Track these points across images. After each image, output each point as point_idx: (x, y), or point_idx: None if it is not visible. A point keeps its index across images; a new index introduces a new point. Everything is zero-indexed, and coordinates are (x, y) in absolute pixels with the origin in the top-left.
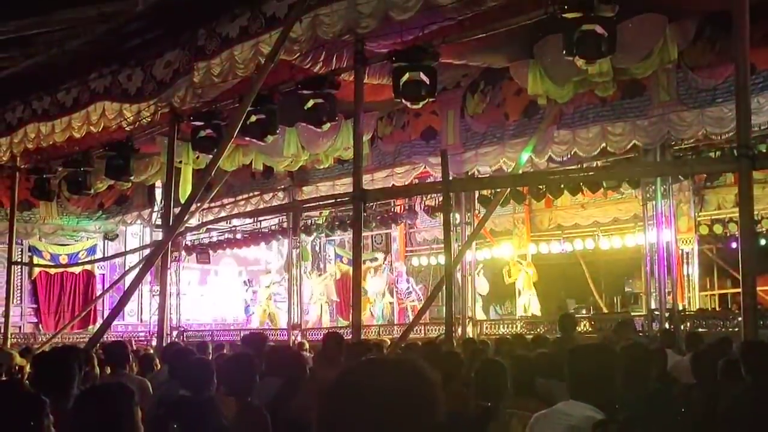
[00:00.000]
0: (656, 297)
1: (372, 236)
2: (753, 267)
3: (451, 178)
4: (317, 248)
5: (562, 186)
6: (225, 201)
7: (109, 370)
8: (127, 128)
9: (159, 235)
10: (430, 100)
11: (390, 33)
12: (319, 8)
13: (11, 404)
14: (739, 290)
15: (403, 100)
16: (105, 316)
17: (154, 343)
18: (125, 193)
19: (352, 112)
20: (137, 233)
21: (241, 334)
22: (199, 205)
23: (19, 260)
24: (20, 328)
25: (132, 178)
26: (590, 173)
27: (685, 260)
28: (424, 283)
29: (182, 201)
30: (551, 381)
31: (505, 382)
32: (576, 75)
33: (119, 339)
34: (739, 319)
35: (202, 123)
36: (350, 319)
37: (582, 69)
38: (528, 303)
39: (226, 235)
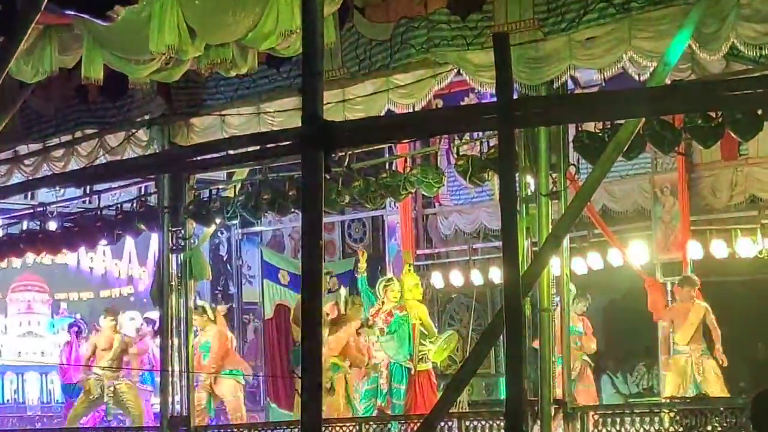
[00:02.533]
0: None
1: (343, 224)
2: None
3: (515, 96)
4: (223, 252)
5: (761, 112)
6: (21, 150)
7: None
8: None
9: None
10: None
11: None
12: None
13: None
14: None
15: None
16: None
17: None
18: None
19: None
20: None
21: None
22: None
23: None
24: None
25: None
26: None
27: None
28: (458, 324)
29: None
30: None
31: None
32: None
33: None
34: None
35: None
36: (293, 406)
37: None
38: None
39: (26, 225)
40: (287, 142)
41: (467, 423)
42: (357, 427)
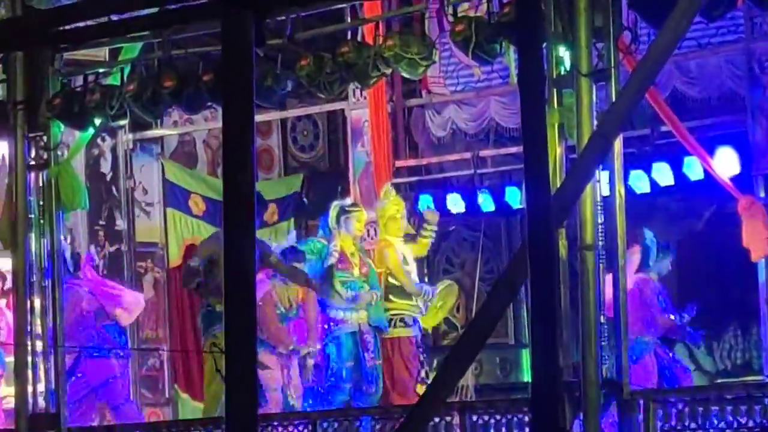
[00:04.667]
0: None
1: (285, 125)
2: None
3: None
4: (106, 168)
5: None
6: None
7: None
8: None
9: None
10: None
11: None
12: None
13: None
14: None
15: None
16: None
17: None
18: None
19: None
20: None
21: None
22: None
23: None
24: None
25: None
26: None
27: None
28: (459, 271)
29: None
30: None
31: None
32: None
33: None
34: None
35: None
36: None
37: None
38: None
39: None
40: (199, 1)
41: (474, 417)
42: (310, 427)
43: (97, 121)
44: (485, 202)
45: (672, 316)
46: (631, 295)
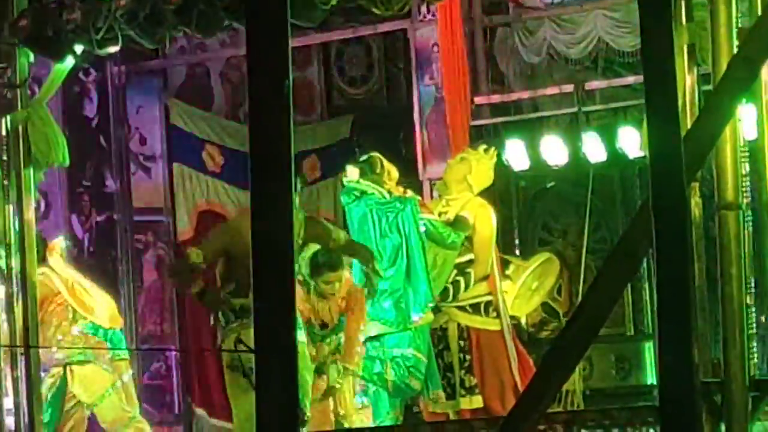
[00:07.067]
0: None
1: (329, 51)
2: None
3: None
4: (90, 111)
5: None
6: None
7: None
8: None
9: None
10: None
11: None
12: None
13: None
14: None
15: None
16: None
17: None
18: None
19: None
20: None
21: None
22: None
23: None
24: None
25: None
26: None
27: None
28: (559, 240)
29: None
30: None
31: None
32: None
33: None
34: None
35: None
36: None
37: None
38: None
39: None
40: None
41: None
42: None
43: (78, 49)
44: (593, 149)
45: None
46: None
